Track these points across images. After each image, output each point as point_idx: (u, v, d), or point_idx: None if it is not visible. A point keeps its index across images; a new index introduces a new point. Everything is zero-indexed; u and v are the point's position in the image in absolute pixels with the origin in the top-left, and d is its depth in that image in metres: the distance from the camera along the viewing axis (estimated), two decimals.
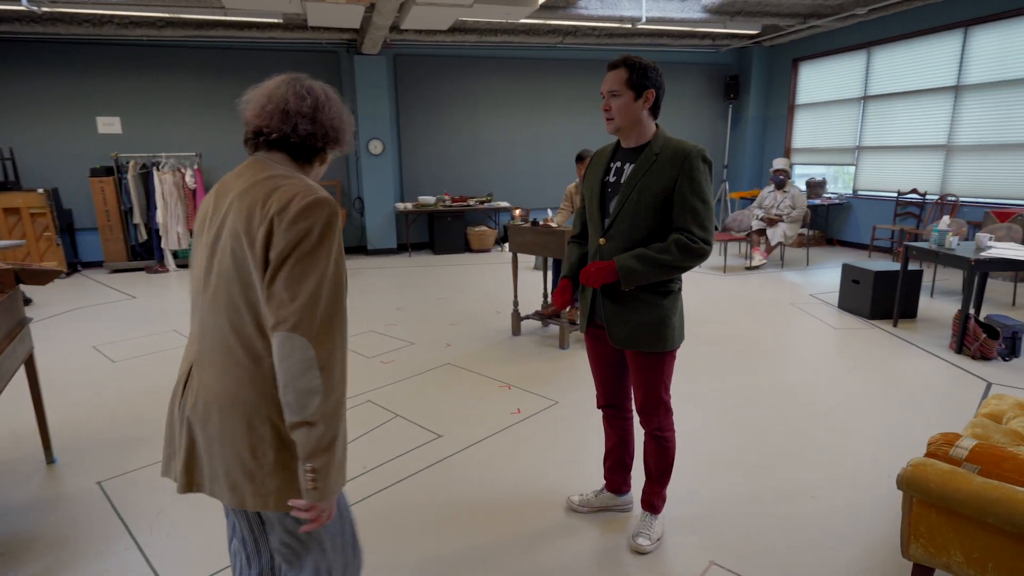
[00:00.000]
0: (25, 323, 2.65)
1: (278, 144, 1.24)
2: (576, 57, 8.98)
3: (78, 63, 7.31)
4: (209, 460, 1.19)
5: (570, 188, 4.61)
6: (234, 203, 1.16)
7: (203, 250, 1.21)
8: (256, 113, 1.23)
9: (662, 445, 2.12)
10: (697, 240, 1.85)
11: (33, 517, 2.39)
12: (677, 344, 2.01)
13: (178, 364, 3.98)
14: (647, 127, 1.93)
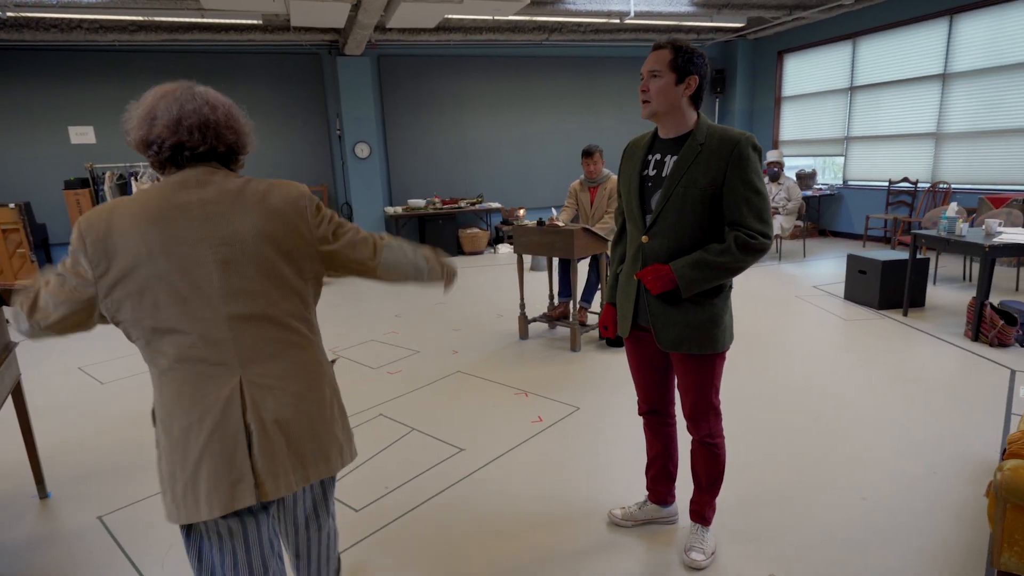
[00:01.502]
0: (11, 348, 2.44)
1: (203, 156, 1.24)
2: (562, 55, 8.88)
3: (47, 71, 6.99)
4: (314, 439, 1.25)
5: (574, 185, 4.49)
6: (237, 212, 1.20)
7: (209, 272, 1.16)
8: (172, 129, 1.19)
9: (713, 452, 2.00)
10: (756, 235, 1.73)
11: (29, 559, 2.19)
12: (728, 344, 1.90)
13: None
14: (687, 116, 1.80)
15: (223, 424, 1.16)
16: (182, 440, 1.16)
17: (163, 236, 1.14)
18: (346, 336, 4.81)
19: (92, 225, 1.14)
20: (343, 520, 2.35)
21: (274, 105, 7.89)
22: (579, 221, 4.53)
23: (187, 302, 1.15)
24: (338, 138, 8.15)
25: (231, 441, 1.16)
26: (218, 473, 1.15)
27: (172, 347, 1.16)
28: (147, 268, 1.13)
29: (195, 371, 1.16)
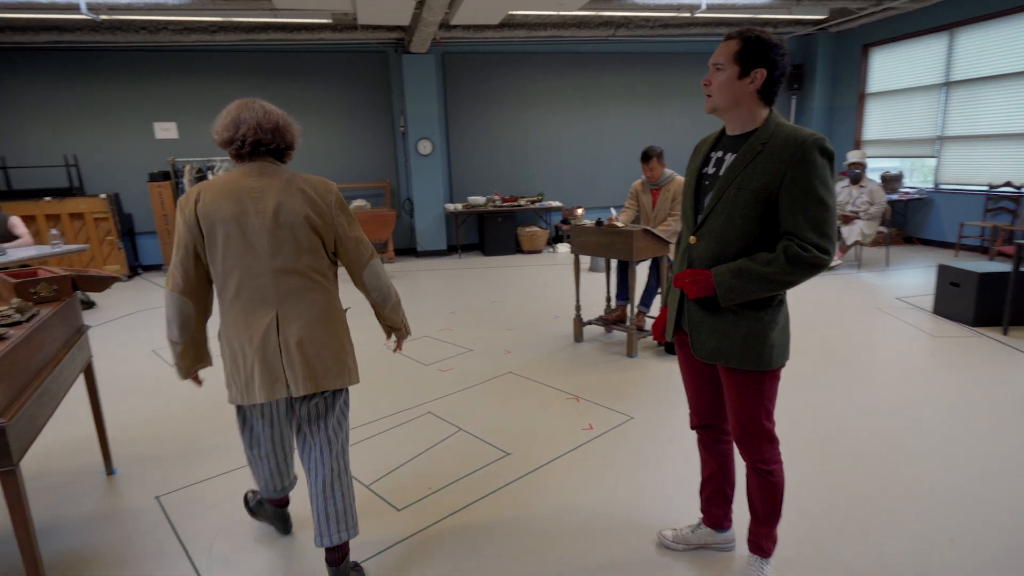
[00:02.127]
0: (83, 331, 2.56)
1: (272, 152, 1.77)
2: (629, 50, 8.65)
3: (135, 70, 7.43)
4: (322, 359, 1.76)
5: (635, 185, 4.32)
6: (284, 195, 1.72)
7: (262, 235, 1.69)
8: (253, 131, 1.70)
9: (767, 480, 1.82)
10: (810, 248, 1.54)
11: (91, 534, 2.29)
12: (778, 363, 1.70)
13: None
14: (754, 112, 1.63)
15: (265, 343, 1.71)
16: (240, 351, 1.74)
17: (233, 209, 1.68)
18: None
19: (190, 197, 1.71)
20: (384, 518, 2.32)
21: (342, 103, 8.08)
22: (640, 223, 4.35)
23: (245, 256, 1.70)
24: (402, 135, 8.26)
25: (271, 354, 1.72)
26: (263, 375, 1.72)
27: (234, 286, 1.71)
28: (222, 229, 1.68)
29: (247, 306, 1.72)
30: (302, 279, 1.74)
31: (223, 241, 1.68)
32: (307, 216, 1.72)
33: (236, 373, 1.76)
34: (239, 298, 1.71)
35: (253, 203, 1.68)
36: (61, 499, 2.54)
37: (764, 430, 1.76)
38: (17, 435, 1.68)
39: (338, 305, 1.85)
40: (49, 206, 7.05)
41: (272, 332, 1.71)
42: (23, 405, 1.73)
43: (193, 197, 1.70)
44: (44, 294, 2.23)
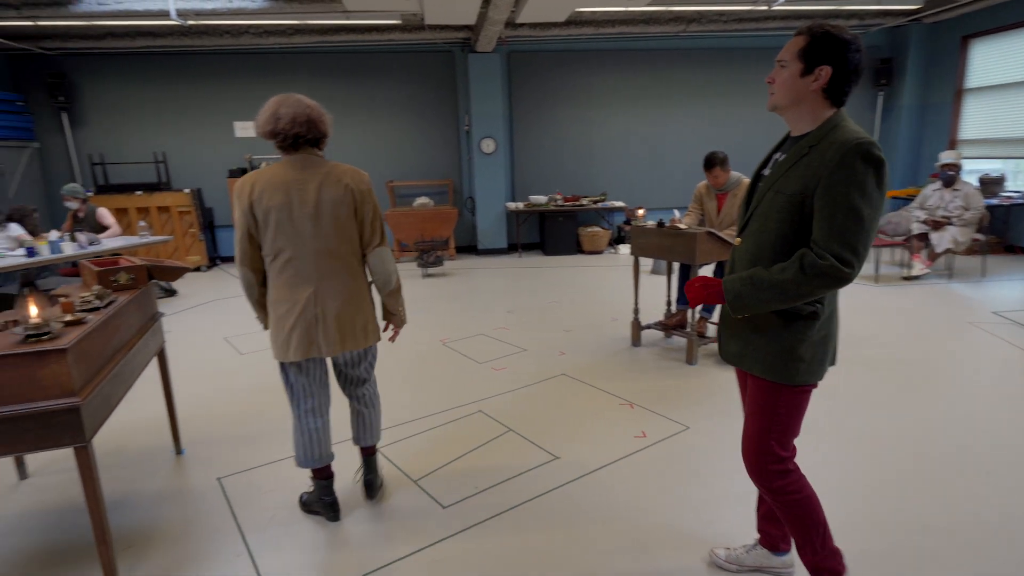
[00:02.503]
0: (157, 317, 2.71)
1: (310, 143, 2.01)
2: (700, 46, 8.36)
3: (218, 72, 7.86)
4: (351, 327, 2.11)
5: (700, 188, 4.16)
6: (324, 186, 2.01)
7: (305, 222, 2.00)
8: (291, 124, 1.93)
9: (788, 510, 1.68)
10: (828, 256, 1.42)
11: (158, 510, 2.42)
12: (803, 380, 1.57)
13: None
14: (816, 112, 1.51)
15: (304, 313, 2.04)
16: (284, 318, 2.05)
17: (281, 199, 1.96)
18: (457, 328, 4.87)
19: (244, 187, 1.98)
20: (429, 515, 2.33)
21: (408, 102, 8.24)
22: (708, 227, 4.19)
23: (292, 239, 2.00)
24: (466, 134, 8.33)
25: (309, 322, 2.05)
26: (301, 338, 2.06)
27: (280, 264, 2.02)
28: (273, 216, 1.97)
29: (291, 280, 2.03)
30: (337, 261, 2.06)
31: (274, 226, 1.98)
32: (345, 204, 2.03)
33: (278, 334, 2.08)
34: (284, 274, 2.03)
35: (297, 194, 1.98)
36: (133, 476, 2.70)
37: (771, 454, 1.63)
38: (91, 414, 1.78)
39: (365, 282, 2.18)
40: (139, 200, 7.57)
41: (311, 305, 2.04)
42: (97, 386, 1.84)
43: (248, 188, 1.98)
44: (123, 282, 2.37)
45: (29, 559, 2.14)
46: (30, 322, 1.70)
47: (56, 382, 1.68)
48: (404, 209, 8.00)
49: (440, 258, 7.10)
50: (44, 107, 7.66)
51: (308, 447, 2.22)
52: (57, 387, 1.69)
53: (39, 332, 1.70)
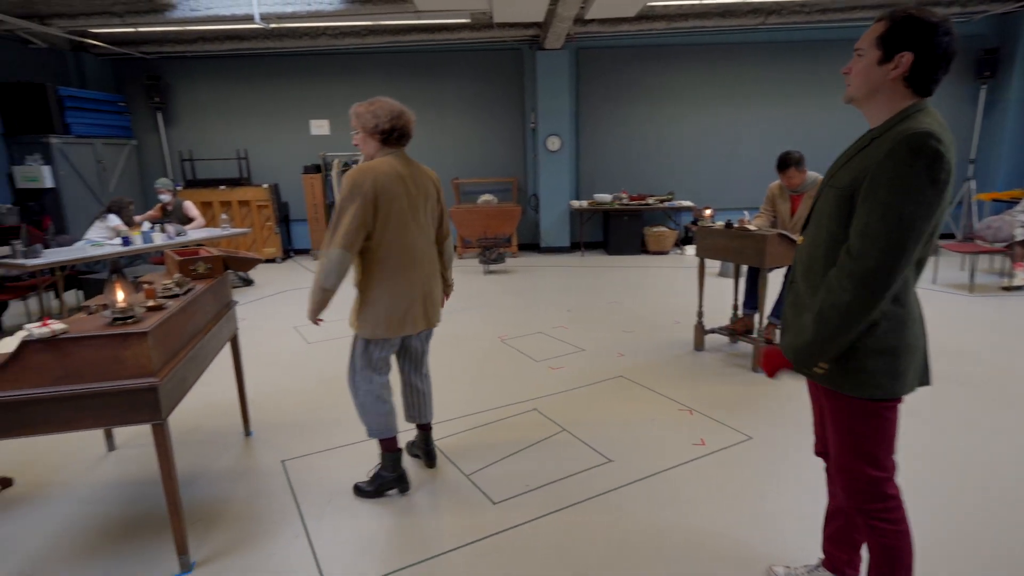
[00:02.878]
0: (231, 305, 2.86)
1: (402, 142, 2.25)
2: (780, 39, 7.99)
3: (295, 73, 8.22)
4: (435, 310, 2.40)
5: (772, 188, 3.96)
6: (420, 180, 2.27)
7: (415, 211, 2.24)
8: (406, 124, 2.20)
9: (879, 540, 1.53)
10: (852, 256, 1.33)
11: (226, 487, 2.55)
12: (876, 394, 1.42)
13: None
14: (896, 103, 1.38)
15: (419, 292, 2.28)
16: (400, 297, 2.24)
17: (399, 189, 2.16)
18: (516, 326, 4.88)
19: (366, 178, 2.10)
20: (479, 510, 2.34)
21: (475, 100, 8.32)
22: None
23: (405, 227, 2.21)
24: (531, 131, 8.33)
25: (421, 301, 2.30)
26: (416, 315, 2.30)
27: (396, 250, 2.20)
28: (394, 205, 2.15)
29: (406, 264, 2.24)
30: (431, 247, 2.34)
31: (394, 215, 2.16)
32: (432, 198, 2.31)
33: (392, 314, 2.24)
34: (400, 258, 2.22)
35: (411, 186, 2.21)
36: (205, 454, 2.87)
37: (863, 475, 1.50)
38: (167, 393, 1.90)
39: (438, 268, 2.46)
40: (222, 194, 8.03)
41: (418, 286, 2.28)
42: (174, 367, 1.96)
43: (369, 179, 2.11)
44: (200, 271, 2.52)
45: (112, 526, 2.31)
46: (117, 306, 1.83)
47: (137, 362, 1.81)
48: (468, 206, 8.09)
49: (502, 255, 7.14)
50: (141, 107, 8.26)
51: (387, 418, 2.38)
52: (138, 367, 1.81)
53: (124, 316, 1.84)
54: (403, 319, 2.26)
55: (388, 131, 2.14)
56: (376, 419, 2.37)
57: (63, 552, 2.15)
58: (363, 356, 2.32)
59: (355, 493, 2.47)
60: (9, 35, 6.70)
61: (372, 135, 2.16)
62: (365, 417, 2.38)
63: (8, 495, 2.55)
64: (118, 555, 2.13)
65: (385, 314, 2.23)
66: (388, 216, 2.14)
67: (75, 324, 1.88)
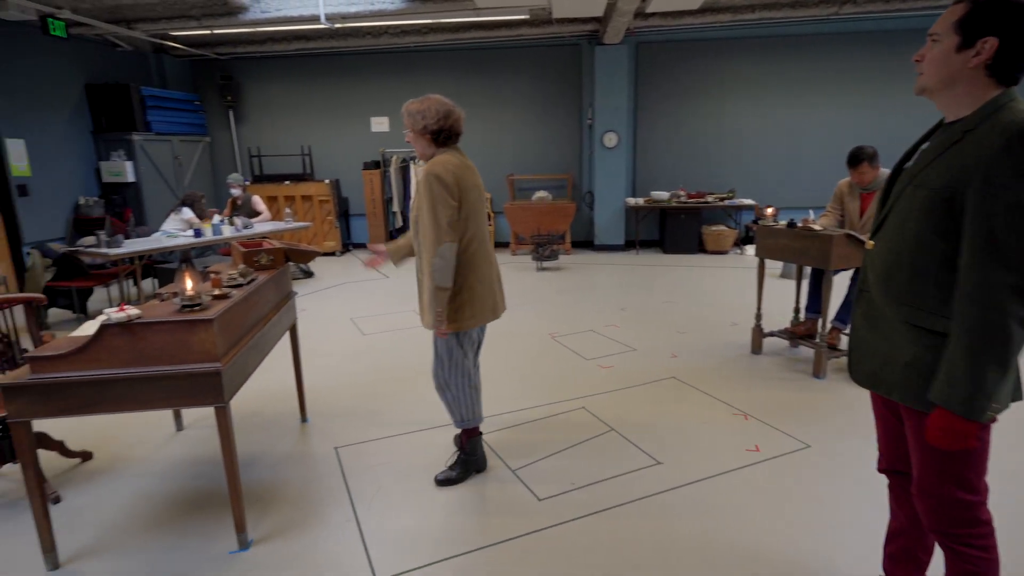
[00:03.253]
0: (291, 296, 2.97)
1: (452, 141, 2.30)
2: (850, 30, 7.59)
3: (357, 71, 8.44)
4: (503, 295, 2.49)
5: (841, 186, 3.76)
6: (478, 177, 2.35)
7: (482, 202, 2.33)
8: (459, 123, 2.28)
9: (964, 567, 1.42)
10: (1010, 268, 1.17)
11: (284, 470, 2.66)
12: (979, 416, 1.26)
13: (411, 342, 4.25)
14: (976, 94, 1.26)
15: (496, 278, 2.41)
16: (488, 287, 2.34)
17: (473, 181, 2.27)
18: (567, 323, 4.85)
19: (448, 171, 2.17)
20: (523, 505, 2.35)
21: (532, 96, 8.32)
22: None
23: (477, 217, 2.29)
24: (588, 127, 8.25)
25: (497, 288, 2.42)
26: (496, 302, 2.40)
27: (476, 240, 2.28)
28: (473, 196, 2.25)
29: (485, 254, 2.32)
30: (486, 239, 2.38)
31: (472, 207, 2.24)
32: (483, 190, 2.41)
33: (483, 303, 2.32)
34: (479, 249, 2.30)
35: (475, 178, 2.29)
36: (264, 437, 3.00)
37: (953, 498, 1.38)
38: (230, 378, 2.00)
39: None
40: (287, 189, 8.36)
41: (495, 273, 2.41)
42: (236, 354, 2.06)
43: (451, 172, 2.18)
44: (263, 262, 2.63)
45: (178, 501, 2.45)
46: (185, 294, 1.94)
47: (203, 348, 1.90)
48: (522, 202, 8.10)
49: (556, 252, 7.11)
50: (214, 106, 8.70)
51: (476, 406, 2.48)
52: (203, 352, 1.91)
53: (192, 303, 1.94)
54: (494, 306, 2.38)
55: (436, 131, 2.19)
56: (469, 409, 2.45)
57: (134, 523, 2.30)
58: (456, 350, 2.36)
59: (438, 484, 2.50)
60: (99, 39, 7.19)
61: (422, 135, 2.21)
62: (458, 410, 2.44)
63: (88, 467, 2.74)
64: (183, 529, 2.25)
65: (479, 303, 2.30)
66: (468, 208, 2.21)
67: (148, 310, 2.01)
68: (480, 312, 2.31)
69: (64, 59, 6.77)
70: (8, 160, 6.10)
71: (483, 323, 2.36)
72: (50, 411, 1.87)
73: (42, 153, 6.48)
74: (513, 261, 7.73)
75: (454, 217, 2.16)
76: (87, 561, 2.09)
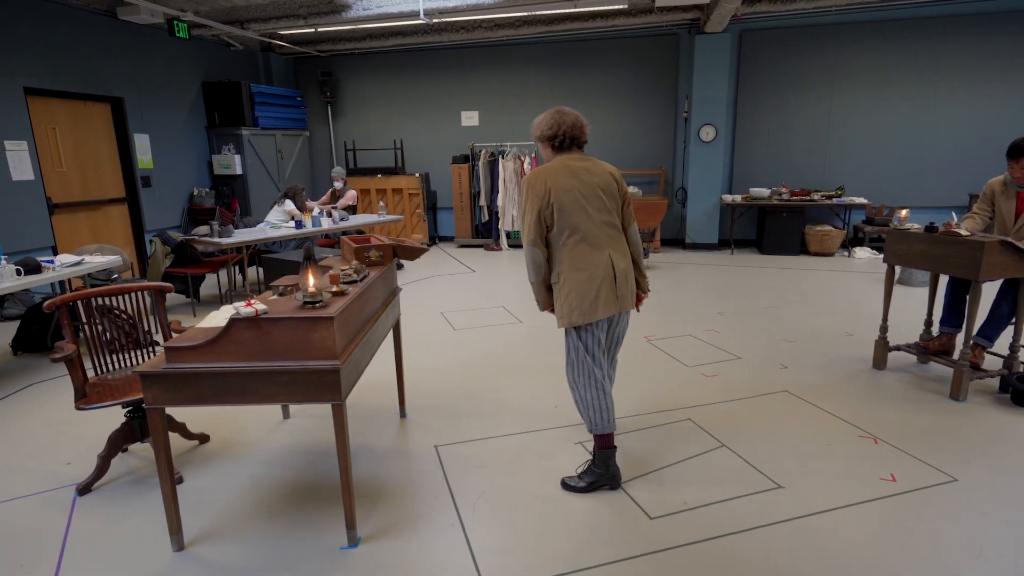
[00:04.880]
0: (397, 292, 2.98)
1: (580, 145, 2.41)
2: (984, 10, 6.80)
3: (449, 66, 8.51)
4: (630, 289, 2.40)
5: (992, 184, 3.33)
6: (596, 175, 2.36)
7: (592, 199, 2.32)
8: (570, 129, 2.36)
9: None
10: None
11: (386, 466, 2.67)
12: None
13: (502, 339, 4.20)
14: None
15: (606, 272, 2.31)
16: (587, 281, 2.29)
17: (572, 182, 2.31)
18: (662, 326, 4.65)
19: (537, 179, 2.31)
20: (635, 523, 2.22)
21: (625, 88, 8.07)
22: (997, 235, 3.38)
23: (581, 214, 2.30)
24: (684, 120, 7.90)
25: (610, 281, 2.31)
26: (607, 296, 2.31)
27: (575, 235, 2.30)
28: (567, 196, 2.29)
29: (587, 247, 2.31)
30: (614, 230, 2.37)
31: (569, 204, 2.28)
32: (615, 188, 2.39)
33: (583, 298, 2.29)
34: (580, 245, 2.30)
35: (586, 176, 2.33)
36: (365, 430, 3.03)
37: None
38: (347, 376, 2.00)
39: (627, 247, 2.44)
40: (379, 182, 8.57)
41: (608, 266, 2.32)
42: (352, 351, 2.06)
43: (541, 179, 2.31)
44: (373, 259, 2.64)
45: (287, 490, 2.51)
46: (308, 291, 1.95)
47: (323, 345, 1.91)
48: None
49: (647, 250, 6.87)
50: (314, 101, 9.05)
51: (607, 411, 2.39)
52: (324, 349, 1.91)
53: (314, 300, 1.95)
54: (595, 302, 2.29)
55: (552, 137, 2.37)
56: (597, 413, 2.38)
57: (249, 509, 2.38)
58: (577, 348, 2.38)
59: (564, 488, 2.46)
60: (215, 39, 7.64)
61: (543, 143, 2.42)
62: (587, 411, 2.40)
63: (205, 450, 2.88)
64: (295, 519, 2.30)
65: (578, 299, 2.30)
66: (562, 207, 2.28)
67: (272, 305, 2.04)
68: (579, 310, 2.29)
69: (185, 59, 7.24)
70: (135, 153, 6.60)
71: (588, 320, 2.30)
72: (183, 399, 1.94)
73: (163, 147, 6.97)
74: None
75: (535, 220, 2.30)
76: (207, 545, 2.16)
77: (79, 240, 6.06)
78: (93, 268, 4.04)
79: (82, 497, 2.48)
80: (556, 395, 3.39)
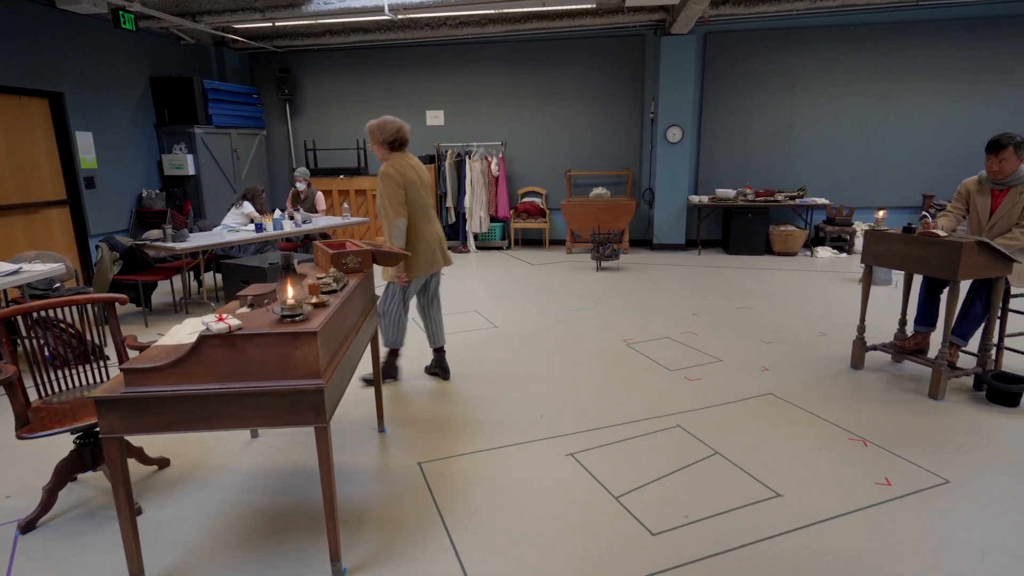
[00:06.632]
0: (375, 300, 2.80)
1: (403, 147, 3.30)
2: (939, 17, 7.05)
3: (413, 64, 8.30)
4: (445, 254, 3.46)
5: (967, 184, 3.39)
6: (420, 171, 3.32)
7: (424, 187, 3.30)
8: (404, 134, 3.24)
9: None
10: None
11: (368, 486, 2.50)
12: None
13: (478, 345, 4.07)
14: None
15: (434, 240, 3.36)
16: (428, 246, 3.32)
17: (413, 175, 3.24)
18: (639, 328, 4.60)
19: (394, 170, 3.17)
20: (636, 541, 2.12)
21: (592, 88, 8.03)
22: (970, 233, 3.44)
23: (420, 198, 3.27)
24: (651, 122, 7.92)
25: (438, 247, 3.39)
26: (435, 258, 3.38)
27: (420, 213, 3.28)
28: (410, 184, 3.21)
29: (426, 222, 3.32)
30: (434, 211, 3.41)
31: (414, 190, 3.23)
32: (428, 180, 3.33)
33: (426, 258, 3.31)
34: (420, 221, 3.28)
35: (419, 172, 3.29)
36: (343, 447, 2.84)
37: None
38: (331, 395, 1.83)
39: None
40: (341, 183, 8.29)
41: (436, 236, 3.38)
42: (335, 368, 1.89)
43: (397, 170, 3.17)
44: (351, 265, 2.47)
45: (260, 518, 2.31)
46: (287, 303, 1.77)
47: (305, 363, 1.74)
48: (580, 199, 7.84)
49: (616, 251, 6.84)
50: (271, 99, 8.68)
51: (403, 335, 3.52)
52: (306, 368, 1.74)
53: (293, 314, 1.77)
54: (431, 261, 3.34)
55: (392, 140, 3.20)
56: (397, 335, 3.48)
57: (216, 543, 2.17)
58: (402, 294, 3.39)
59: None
60: (164, 32, 7.22)
61: (381, 145, 3.21)
62: (393, 334, 3.47)
63: (166, 476, 2.64)
64: (270, 551, 2.10)
65: (423, 259, 3.30)
66: (411, 192, 3.20)
67: (244, 319, 1.85)
68: (424, 266, 3.31)
69: (131, 52, 6.81)
70: (77, 152, 6.16)
71: (424, 274, 3.32)
72: (145, 427, 1.73)
73: (108, 146, 6.53)
74: (569, 260, 7.49)
75: (401, 200, 3.14)
76: None
77: (15, 247, 5.60)
78: (32, 277, 3.69)
79: (25, 535, 2.23)
80: (540, 403, 3.28)
